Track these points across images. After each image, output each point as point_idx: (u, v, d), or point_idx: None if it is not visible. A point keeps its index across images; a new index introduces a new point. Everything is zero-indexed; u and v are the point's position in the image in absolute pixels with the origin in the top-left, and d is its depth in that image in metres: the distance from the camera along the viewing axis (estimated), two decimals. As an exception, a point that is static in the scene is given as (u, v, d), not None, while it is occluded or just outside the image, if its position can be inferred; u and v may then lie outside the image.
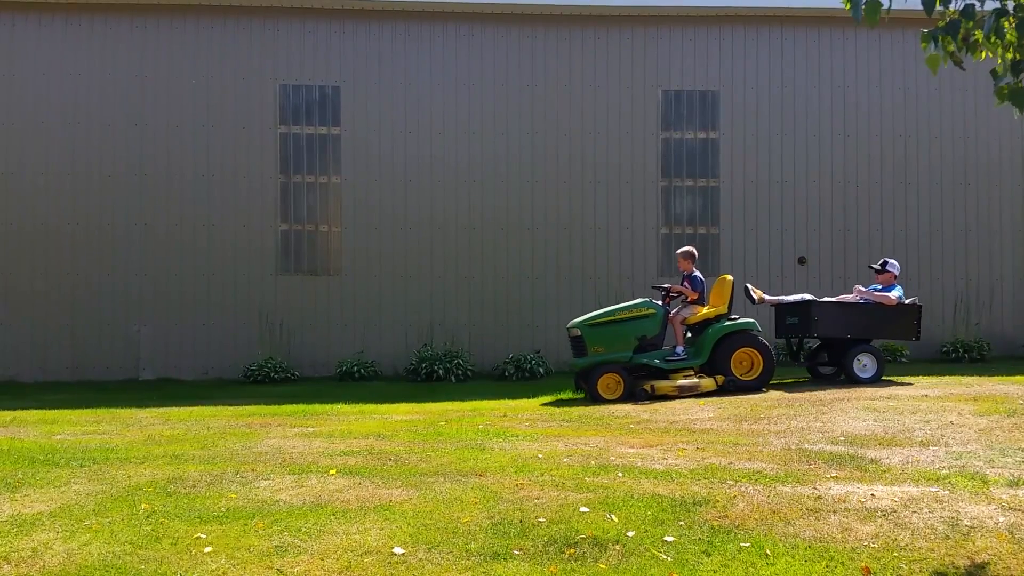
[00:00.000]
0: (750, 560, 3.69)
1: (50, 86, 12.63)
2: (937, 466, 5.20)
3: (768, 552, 3.77)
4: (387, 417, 8.14)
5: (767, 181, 13.26)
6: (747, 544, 3.87)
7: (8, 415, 8.58)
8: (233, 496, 4.79)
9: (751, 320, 9.44)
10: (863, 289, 9.67)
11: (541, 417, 7.86)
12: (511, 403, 9.38)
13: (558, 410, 8.35)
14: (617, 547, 3.86)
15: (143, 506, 4.60)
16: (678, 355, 9.27)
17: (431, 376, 11.94)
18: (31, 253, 12.56)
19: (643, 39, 13.22)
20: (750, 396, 8.54)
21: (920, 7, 3.55)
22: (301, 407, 9.00)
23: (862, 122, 13.37)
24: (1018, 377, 9.67)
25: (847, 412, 7.16)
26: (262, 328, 12.62)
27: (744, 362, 9.16)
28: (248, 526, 4.22)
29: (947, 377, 9.82)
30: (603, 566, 3.66)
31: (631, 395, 8.94)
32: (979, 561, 3.64)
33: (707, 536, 3.99)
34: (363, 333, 12.72)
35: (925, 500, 4.43)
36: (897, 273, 9.81)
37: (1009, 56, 3.64)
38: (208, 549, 3.89)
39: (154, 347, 12.65)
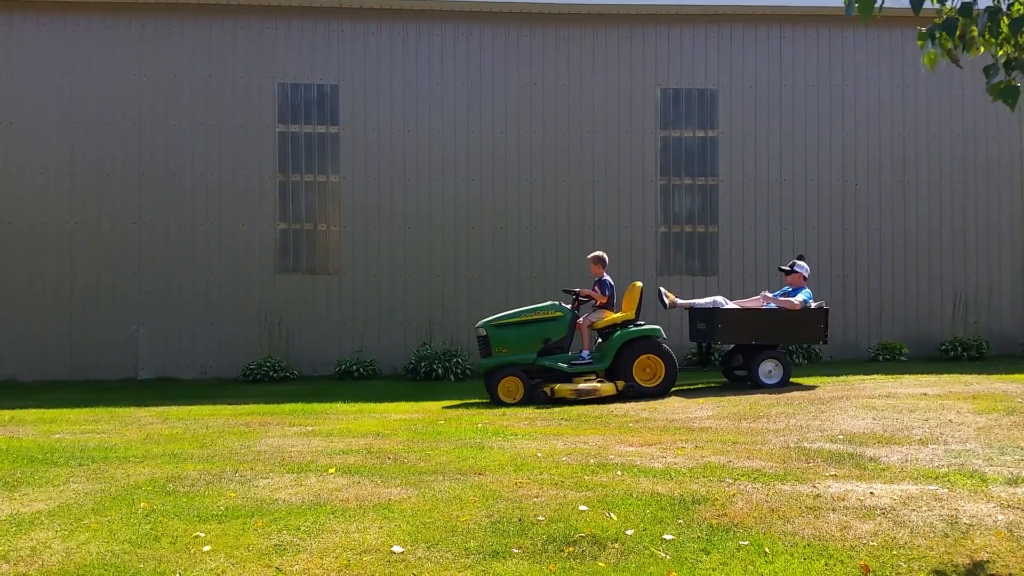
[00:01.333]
0: (749, 558, 3.70)
1: (48, 85, 12.61)
2: (936, 464, 5.21)
3: (767, 550, 3.77)
4: (386, 416, 8.14)
5: (766, 180, 13.26)
6: (746, 542, 3.87)
7: (7, 414, 8.57)
8: (232, 495, 4.79)
9: (656, 327, 9.30)
10: (769, 295, 9.50)
11: (540, 416, 7.86)
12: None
13: (556, 409, 8.35)
14: (616, 545, 3.86)
15: (142, 505, 4.60)
16: (583, 359, 9.18)
17: (430, 375, 11.94)
18: (29, 252, 12.54)
19: (641, 38, 13.22)
20: (750, 394, 8.55)
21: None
22: (300, 406, 9.00)
23: (861, 121, 13.37)
24: (1017, 375, 9.68)
25: (846, 410, 7.16)
26: (261, 327, 12.61)
27: (648, 368, 9.06)
28: (247, 525, 4.22)
29: (946, 375, 9.82)
30: (602, 564, 3.66)
31: (532, 398, 8.88)
32: (978, 559, 3.64)
33: (706, 534, 3.99)
34: (362, 332, 12.71)
35: (924, 498, 4.44)
36: (806, 275, 9.64)
37: (1002, 53, 3.64)
38: (207, 548, 3.89)
39: (153, 346, 12.64)
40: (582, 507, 4.40)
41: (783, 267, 9.94)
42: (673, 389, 9.23)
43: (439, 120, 12.96)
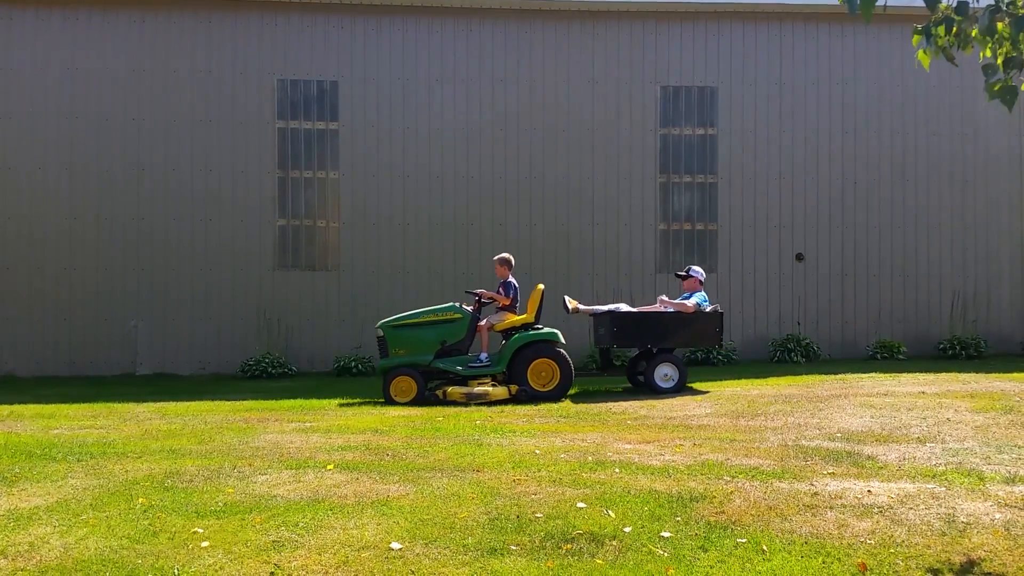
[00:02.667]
0: (746, 556, 3.70)
1: (47, 80, 12.59)
2: (934, 463, 5.22)
3: (765, 548, 3.77)
4: (384, 412, 8.14)
5: (765, 177, 13.26)
6: (744, 540, 3.87)
7: (5, 409, 8.57)
8: (230, 491, 4.79)
9: (553, 331, 9.24)
10: (666, 299, 9.43)
11: (538, 413, 7.87)
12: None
13: (555, 406, 8.36)
14: (614, 543, 3.86)
15: (140, 501, 4.60)
16: (480, 362, 9.16)
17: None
18: (28, 248, 12.53)
19: (641, 35, 13.21)
20: (748, 392, 8.55)
21: (917, 2, 3.56)
22: (299, 402, 9.00)
23: (861, 118, 13.38)
24: (1015, 374, 9.69)
25: (844, 408, 7.17)
26: (259, 323, 12.61)
27: (544, 372, 9.01)
28: (245, 521, 4.22)
29: (944, 374, 9.84)
30: (600, 561, 3.66)
31: (423, 399, 8.85)
32: (975, 557, 3.65)
33: (704, 532, 3.99)
34: (361, 328, 12.70)
35: (921, 496, 4.44)
36: (702, 279, 9.59)
37: (1001, 53, 3.64)
38: (205, 544, 3.89)
39: (151, 342, 12.64)
40: (580, 504, 4.40)
41: (679, 272, 9.86)
42: (570, 393, 9.22)
43: (438, 116, 12.95)
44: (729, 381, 10.00)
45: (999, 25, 3.52)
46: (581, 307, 9.56)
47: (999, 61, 3.62)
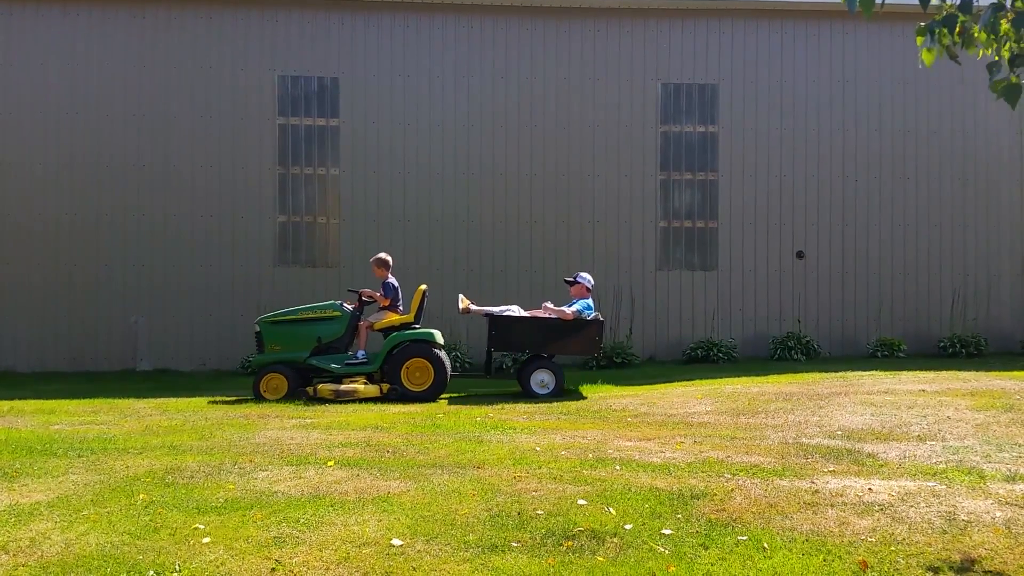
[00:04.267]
0: (747, 553, 3.70)
1: (47, 76, 12.58)
2: (934, 461, 5.22)
3: (766, 545, 3.78)
4: (385, 409, 8.14)
5: (766, 175, 13.25)
6: (744, 537, 3.88)
7: (6, 405, 8.57)
8: (231, 487, 4.79)
9: (429, 331, 9.21)
10: (550, 306, 9.35)
11: (539, 410, 7.87)
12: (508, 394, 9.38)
13: (556, 403, 8.36)
14: (615, 540, 3.86)
15: (141, 496, 4.60)
16: (356, 360, 9.14)
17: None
18: (28, 244, 12.53)
19: (642, 32, 13.19)
20: (749, 390, 8.55)
21: (916, 1, 3.55)
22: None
23: (861, 116, 13.36)
24: (1015, 372, 9.69)
25: (844, 406, 7.17)
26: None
27: (419, 372, 8.99)
28: (246, 517, 4.22)
29: (944, 372, 9.83)
30: (601, 559, 3.67)
31: (295, 396, 8.81)
32: (976, 556, 3.65)
33: (705, 529, 4.00)
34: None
35: (922, 494, 4.44)
36: (589, 286, 9.46)
37: (1006, 51, 3.64)
38: (206, 540, 3.89)
39: (152, 338, 12.63)
40: (581, 501, 4.40)
41: (567, 279, 9.79)
42: (459, 395, 9.19)
43: (439, 113, 12.94)
44: (729, 378, 10.00)
45: (1003, 23, 3.52)
46: (473, 307, 9.44)
47: (1005, 57, 3.62)
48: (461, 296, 9.69)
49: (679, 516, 4.18)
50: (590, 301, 9.41)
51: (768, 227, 13.25)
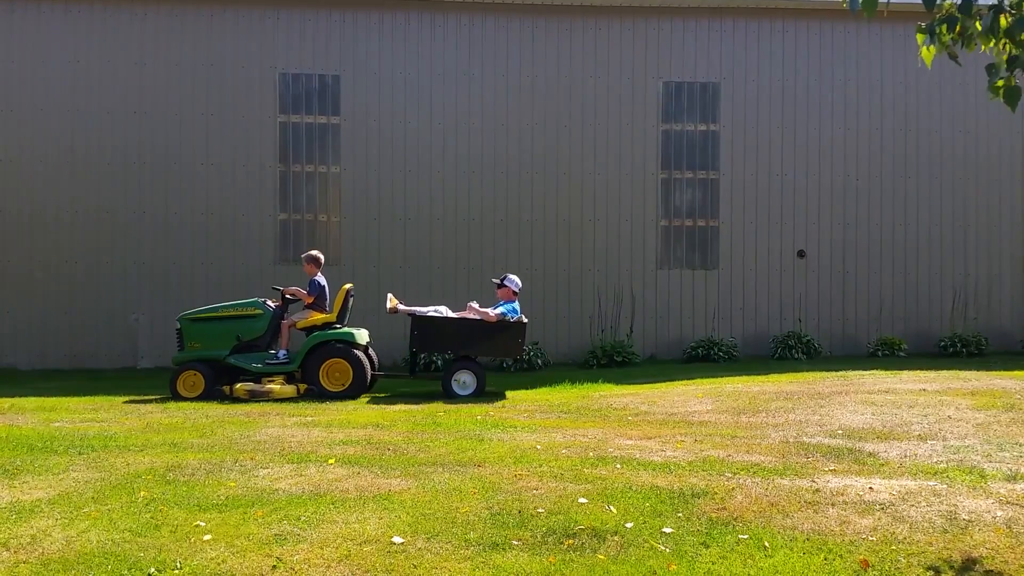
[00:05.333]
0: (748, 552, 3.70)
1: (49, 73, 12.57)
2: (935, 460, 5.21)
3: (766, 544, 3.78)
4: (385, 407, 8.14)
5: (767, 174, 13.25)
6: (745, 536, 3.88)
7: (6, 402, 8.57)
8: (232, 484, 4.79)
9: (348, 331, 9.18)
10: (475, 307, 9.34)
11: (539, 408, 7.87)
12: (509, 394, 9.38)
13: (556, 401, 8.35)
14: (616, 538, 3.86)
15: (142, 494, 4.60)
16: (277, 359, 9.10)
17: (429, 367, 11.94)
18: (29, 240, 12.53)
19: (644, 30, 13.18)
20: (749, 389, 8.55)
21: (919, 0, 3.55)
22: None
23: (863, 115, 13.36)
24: (1016, 372, 9.69)
25: (845, 405, 7.17)
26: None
27: (338, 372, 8.99)
28: (247, 514, 4.22)
29: (945, 371, 9.82)
30: (602, 557, 3.67)
31: (211, 395, 8.78)
32: (976, 555, 3.65)
33: (705, 528, 4.00)
34: (361, 323, 12.67)
35: (923, 494, 4.44)
36: (516, 289, 9.41)
37: (1005, 52, 3.63)
38: (207, 537, 3.89)
39: (152, 335, 12.63)
40: (582, 500, 4.40)
41: (495, 279, 9.77)
42: (382, 395, 9.16)
43: (440, 111, 12.93)
44: (730, 377, 10.00)
45: (1002, 22, 3.51)
46: (401, 307, 9.38)
47: (1003, 59, 3.61)
48: (390, 296, 9.64)
49: (680, 515, 4.17)
50: (516, 304, 9.38)
51: (769, 226, 13.24)
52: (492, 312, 9.17)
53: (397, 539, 3.85)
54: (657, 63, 13.20)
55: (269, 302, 9.45)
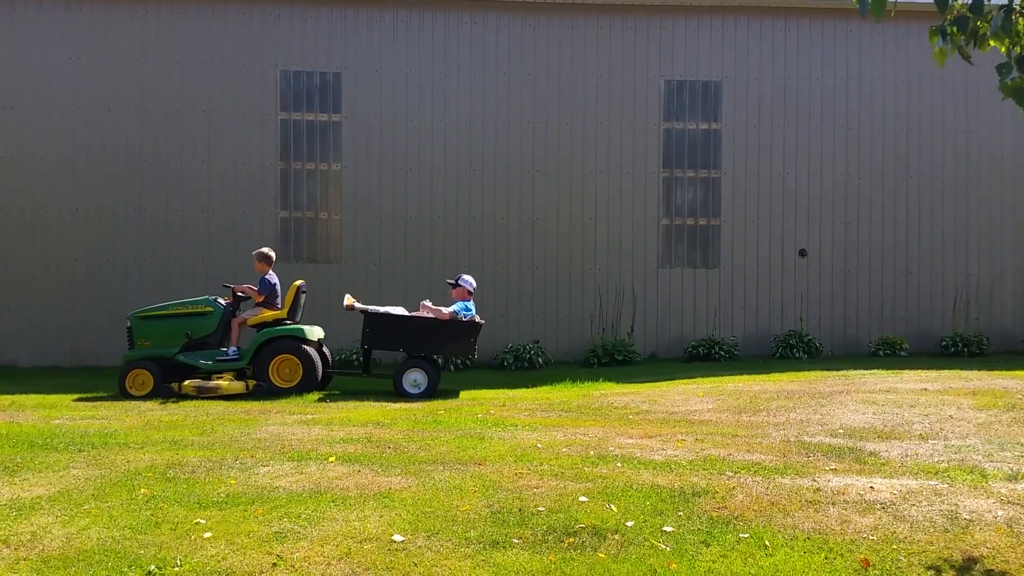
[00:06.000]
0: (749, 551, 3.70)
1: (50, 71, 12.57)
2: (936, 459, 5.21)
3: (767, 543, 3.77)
4: (386, 405, 8.14)
5: (769, 173, 13.23)
6: (746, 535, 3.87)
7: (7, 399, 8.57)
8: (232, 482, 4.79)
9: (299, 327, 9.18)
10: (429, 305, 9.31)
11: (540, 407, 7.87)
12: (510, 392, 9.39)
13: (556, 400, 8.35)
14: (616, 537, 3.86)
15: (142, 491, 4.60)
16: (227, 356, 9.11)
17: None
18: (30, 238, 12.53)
19: (646, 29, 13.17)
20: (750, 388, 8.55)
21: (927, 0, 3.55)
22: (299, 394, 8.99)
23: (865, 115, 13.34)
24: (1017, 372, 9.68)
25: (846, 405, 7.16)
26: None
27: (288, 368, 9.00)
28: (248, 512, 4.22)
29: (946, 371, 9.81)
30: (602, 555, 3.66)
31: (160, 393, 8.77)
32: (978, 555, 3.64)
33: (706, 527, 3.99)
34: (361, 321, 12.69)
35: (924, 493, 4.44)
36: (470, 289, 9.41)
37: (1018, 51, 3.62)
38: (207, 534, 3.89)
39: (153, 333, 12.62)
40: (582, 498, 4.40)
41: (449, 280, 9.77)
42: (334, 392, 9.15)
43: (441, 109, 12.92)
44: (731, 376, 9.99)
45: (1021, 23, 3.50)
46: (357, 305, 9.36)
47: (1015, 60, 3.60)
48: (347, 295, 9.63)
49: (680, 513, 4.17)
50: (470, 304, 9.37)
51: (771, 225, 13.23)
52: (445, 311, 9.16)
53: (397, 537, 3.85)
54: (659, 61, 13.19)
55: (220, 299, 9.46)
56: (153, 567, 3.52)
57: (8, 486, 4.76)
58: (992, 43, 3.64)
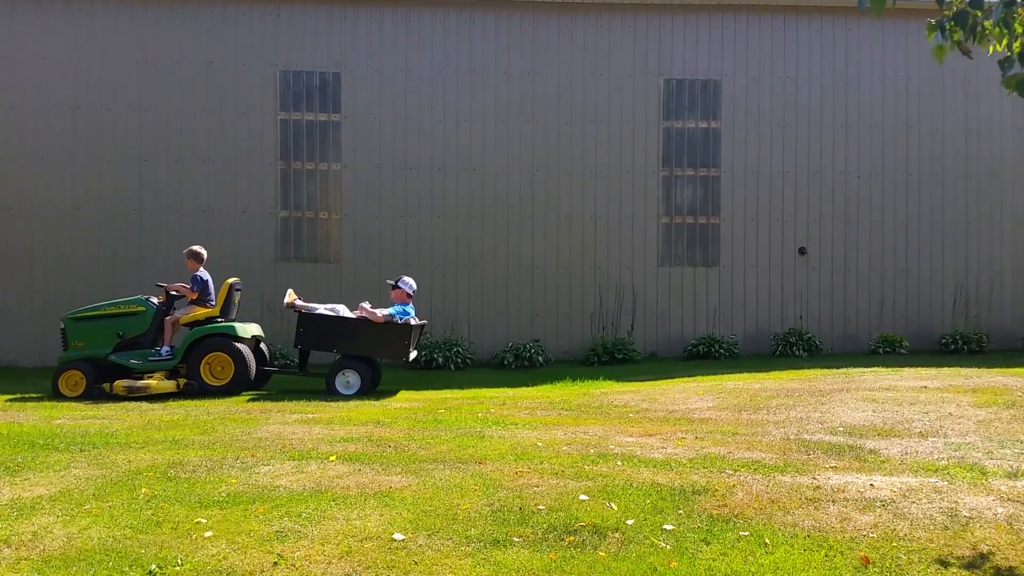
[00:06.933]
0: (749, 549, 3.70)
1: (50, 70, 12.57)
2: (936, 457, 5.21)
3: (767, 541, 3.77)
4: (386, 404, 8.15)
5: (768, 171, 13.24)
6: (746, 533, 3.87)
7: (8, 399, 8.57)
8: (233, 481, 4.79)
9: (230, 325, 9.19)
10: (366, 307, 9.31)
11: (540, 406, 7.87)
12: (510, 391, 9.39)
13: (557, 399, 8.36)
14: (616, 535, 3.86)
15: (143, 491, 4.61)
16: (160, 356, 9.11)
17: (430, 364, 11.95)
18: (30, 238, 12.54)
19: (645, 27, 13.17)
20: (750, 386, 8.55)
21: None
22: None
23: (864, 112, 13.34)
24: (1017, 369, 9.69)
25: (846, 403, 7.16)
26: (262, 314, 12.58)
27: (220, 366, 9.01)
28: (248, 511, 4.22)
29: (946, 369, 9.82)
30: (603, 554, 3.67)
31: (92, 394, 8.77)
32: (978, 552, 3.65)
33: (706, 525, 4.00)
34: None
35: (924, 491, 4.44)
36: (409, 291, 9.42)
37: (1017, 46, 3.62)
38: (208, 534, 3.89)
39: (153, 333, 12.62)
40: (583, 497, 4.40)
41: (389, 281, 9.77)
42: (264, 393, 9.17)
43: (440, 109, 12.92)
44: (731, 375, 10.00)
45: None
46: (298, 303, 9.35)
47: (1017, 55, 3.60)
48: (290, 291, 9.63)
49: (681, 512, 4.17)
50: (408, 307, 9.37)
51: (770, 223, 13.24)
52: (380, 313, 9.17)
53: (398, 536, 3.85)
54: (658, 60, 13.19)
55: (153, 298, 9.47)
56: (154, 566, 3.53)
57: (9, 486, 4.76)
58: (997, 44, 3.64)
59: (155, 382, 8.73)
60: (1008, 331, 13.38)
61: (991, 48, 3.72)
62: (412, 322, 9.33)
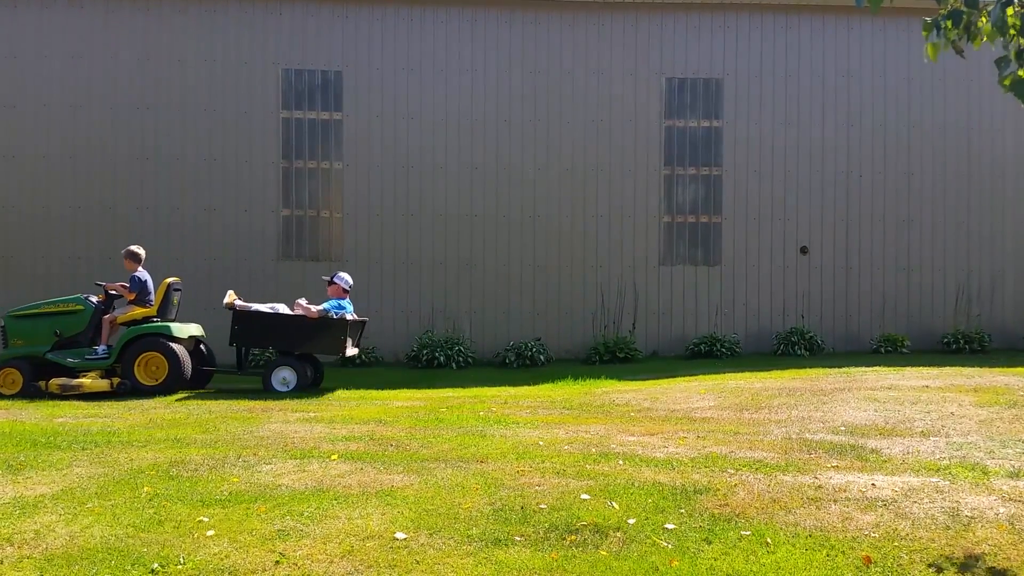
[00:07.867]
0: (751, 548, 3.70)
1: (52, 70, 12.58)
2: (938, 456, 5.21)
3: (769, 540, 3.77)
4: (388, 403, 8.15)
5: (770, 170, 13.23)
6: (748, 532, 3.87)
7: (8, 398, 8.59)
8: (235, 480, 4.80)
9: (166, 324, 9.20)
10: (303, 304, 9.30)
11: (541, 405, 7.87)
12: (512, 390, 9.39)
13: (558, 397, 8.36)
14: (618, 534, 3.86)
15: (145, 489, 4.61)
16: (96, 355, 9.11)
17: (432, 362, 11.96)
18: (32, 237, 12.55)
19: (647, 26, 13.16)
20: (752, 385, 8.55)
21: None
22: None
23: (866, 111, 13.33)
24: (1019, 368, 9.68)
25: (848, 402, 7.16)
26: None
27: (155, 366, 9.00)
28: (250, 510, 4.23)
29: (948, 368, 9.82)
30: (604, 553, 3.67)
31: (28, 392, 8.77)
32: (979, 552, 3.64)
33: (708, 524, 3.99)
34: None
35: (926, 490, 4.44)
36: (345, 287, 9.43)
37: (1014, 46, 3.62)
38: (210, 532, 3.90)
39: (155, 331, 12.63)
40: (584, 496, 4.40)
41: (325, 277, 9.75)
42: (207, 391, 9.17)
43: (442, 107, 12.92)
44: (733, 374, 9.99)
45: (1010, 12, 3.50)
46: (238, 303, 9.35)
47: (1013, 54, 3.60)
48: (230, 292, 9.63)
49: (682, 511, 4.17)
50: (344, 301, 9.36)
51: (772, 222, 13.23)
52: (314, 309, 9.16)
53: (400, 535, 3.85)
54: (660, 59, 13.18)
55: (92, 297, 9.48)
56: (156, 565, 3.53)
57: (12, 484, 4.77)
58: (987, 38, 3.64)
59: (89, 380, 8.74)
60: (1010, 330, 13.37)
61: (979, 43, 3.71)
62: (348, 317, 9.30)
